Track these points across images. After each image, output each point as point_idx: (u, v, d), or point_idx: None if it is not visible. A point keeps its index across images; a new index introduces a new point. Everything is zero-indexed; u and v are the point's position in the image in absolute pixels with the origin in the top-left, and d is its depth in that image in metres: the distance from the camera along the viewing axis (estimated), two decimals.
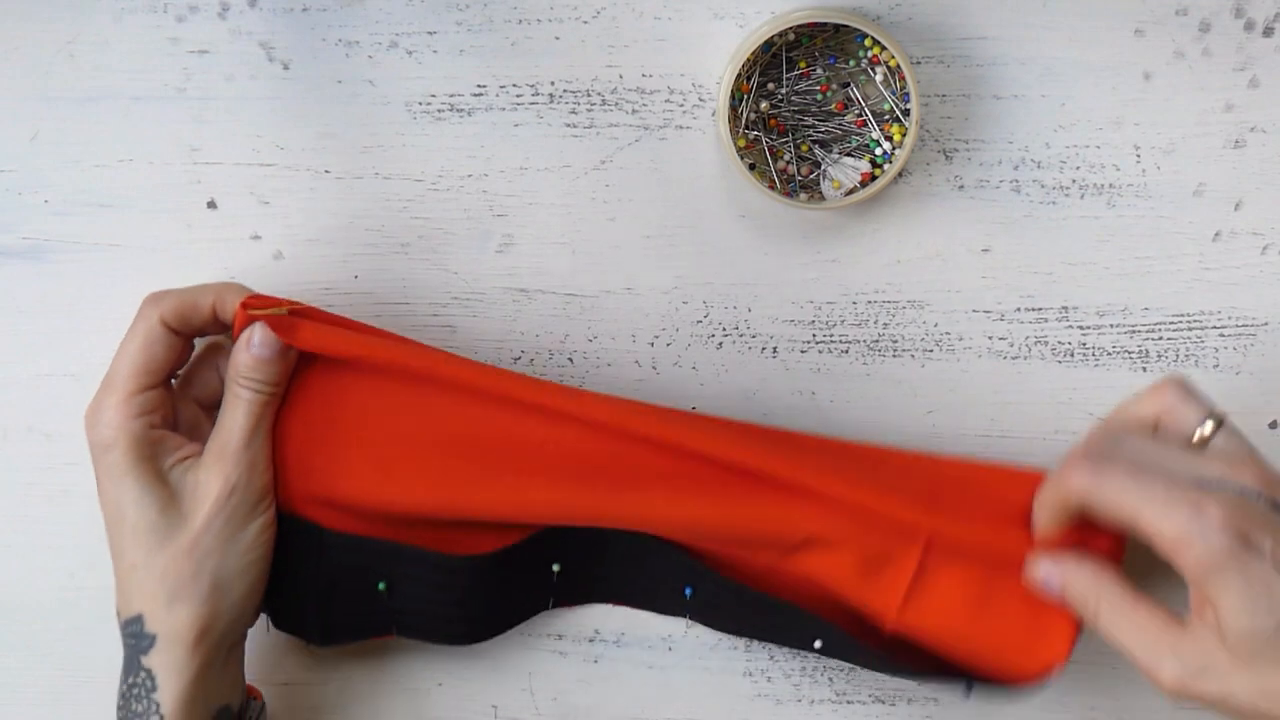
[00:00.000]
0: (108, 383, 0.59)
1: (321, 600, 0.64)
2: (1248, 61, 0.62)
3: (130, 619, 0.59)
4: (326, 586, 0.63)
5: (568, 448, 0.62)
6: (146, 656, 0.59)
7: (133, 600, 0.59)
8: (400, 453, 0.62)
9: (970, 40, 0.63)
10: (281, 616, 0.65)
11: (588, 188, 0.65)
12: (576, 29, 0.63)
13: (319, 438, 0.62)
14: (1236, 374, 0.66)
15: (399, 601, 0.64)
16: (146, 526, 0.59)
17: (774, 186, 0.62)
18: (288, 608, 0.64)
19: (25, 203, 0.65)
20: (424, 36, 0.63)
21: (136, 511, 0.59)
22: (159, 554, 0.59)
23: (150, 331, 0.59)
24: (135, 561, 0.59)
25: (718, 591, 0.65)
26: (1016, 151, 0.64)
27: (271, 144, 0.64)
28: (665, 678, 0.69)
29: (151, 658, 0.59)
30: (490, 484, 0.62)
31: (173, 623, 0.59)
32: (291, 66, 0.64)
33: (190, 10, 0.63)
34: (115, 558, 0.60)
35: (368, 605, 0.64)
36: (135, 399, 0.59)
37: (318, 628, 0.64)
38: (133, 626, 0.59)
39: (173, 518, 0.59)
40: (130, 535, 0.59)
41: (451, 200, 0.65)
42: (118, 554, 0.60)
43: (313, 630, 0.64)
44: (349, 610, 0.64)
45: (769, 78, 0.62)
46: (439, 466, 0.62)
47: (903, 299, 0.65)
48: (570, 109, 0.64)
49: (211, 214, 0.65)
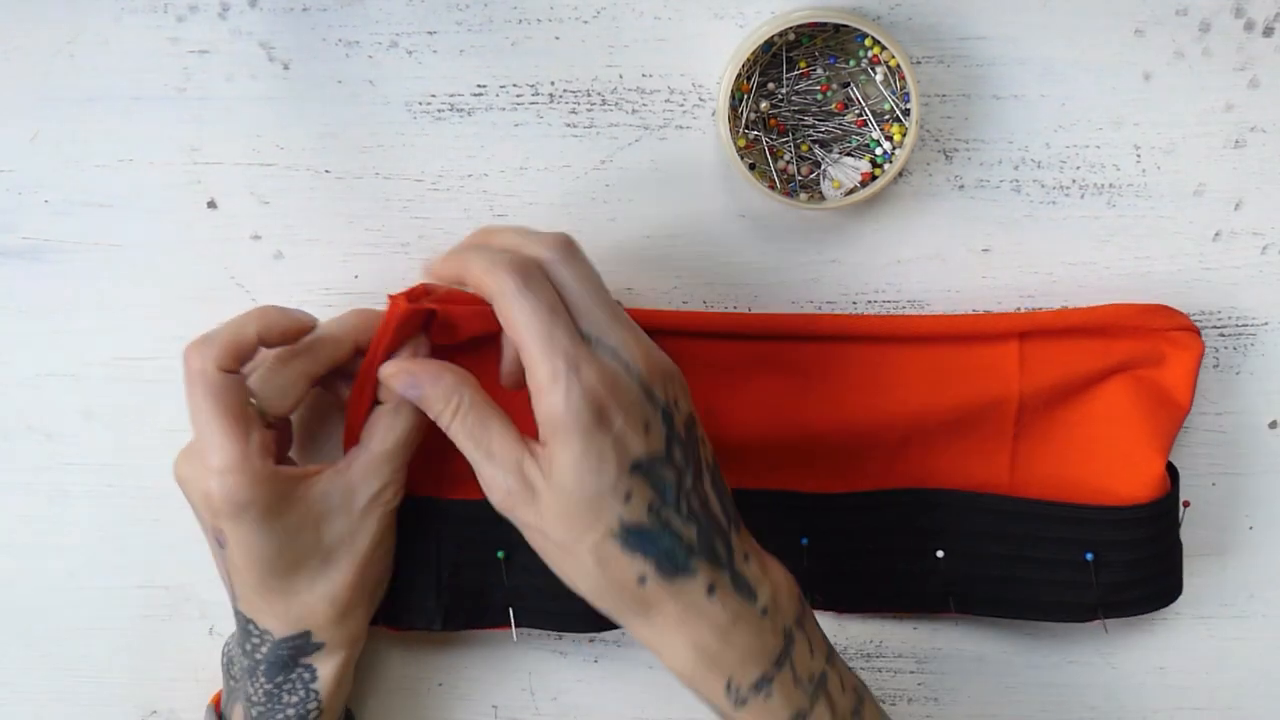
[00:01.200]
0: (202, 450, 0.57)
1: (441, 578, 0.64)
2: (1248, 61, 0.62)
3: (293, 636, 0.61)
4: (447, 562, 0.64)
5: None
6: (310, 657, 0.61)
7: (296, 621, 0.60)
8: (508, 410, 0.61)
9: (970, 40, 0.63)
10: (398, 612, 0.65)
11: (588, 188, 0.65)
12: (576, 29, 0.63)
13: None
14: (1236, 374, 0.66)
15: (518, 575, 0.64)
16: (305, 564, 0.59)
17: (774, 186, 0.62)
18: (405, 599, 0.64)
19: (25, 203, 0.65)
20: (424, 36, 0.63)
21: (288, 554, 0.59)
22: (322, 582, 0.60)
23: (213, 384, 0.57)
24: (293, 590, 0.60)
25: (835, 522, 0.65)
26: (1016, 151, 0.64)
27: (271, 144, 0.64)
28: (665, 678, 0.69)
29: (317, 658, 0.61)
30: None
31: (344, 633, 0.61)
32: (291, 66, 0.64)
33: (190, 10, 0.63)
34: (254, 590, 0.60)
35: (487, 579, 0.64)
36: (243, 450, 0.57)
37: (439, 610, 0.65)
38: (296, 641, 0.61)
39: (329, 545, 0.60)
40: (283, 571, 0.59)
41: (451, 200, 0.65)
42: (261, 588, 0.59)
43: (434, 614, 0.65)
44: (469, 586, 0.64)
45: (769, 78, 0.62)
46: None
47: (903, 299, 0.65)
48: (570, 109, 0.64)
49: (211, 214, 0.65)
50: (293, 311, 0.60)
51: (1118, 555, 0.63)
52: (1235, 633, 0.69)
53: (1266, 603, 0.68)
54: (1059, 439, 0.64)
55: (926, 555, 0.65)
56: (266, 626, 0.60)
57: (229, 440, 0.57)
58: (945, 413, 0.64)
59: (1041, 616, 0.65)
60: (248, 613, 0.61)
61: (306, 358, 0.60)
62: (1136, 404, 0.63)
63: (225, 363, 0.57)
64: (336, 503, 0.60)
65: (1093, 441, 0.64)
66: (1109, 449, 0.64)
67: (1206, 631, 0.69)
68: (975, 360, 0.64)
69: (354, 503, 0.60)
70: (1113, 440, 0.64)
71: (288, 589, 0.59)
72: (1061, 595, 0.64)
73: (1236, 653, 0.69)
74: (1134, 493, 0.63)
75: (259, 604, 0.60)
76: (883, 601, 0.67)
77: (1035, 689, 0.69)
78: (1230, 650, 0.69)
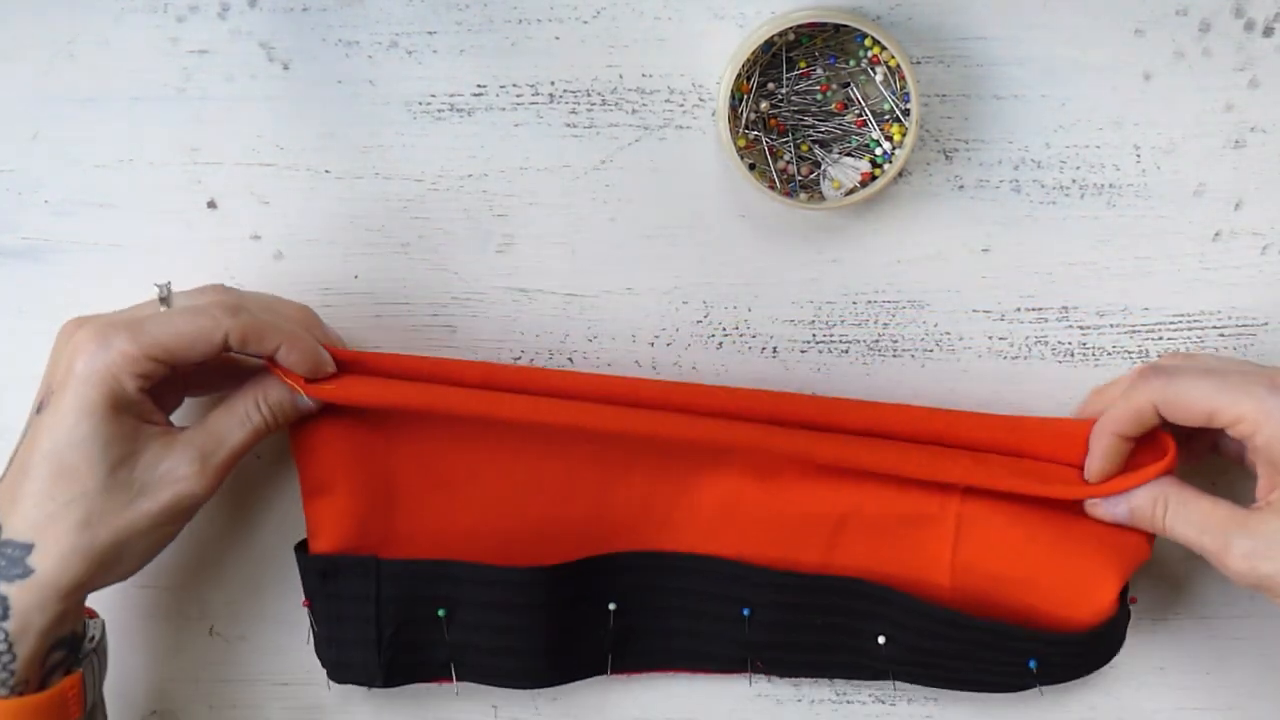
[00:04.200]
0: (134, 327, 0.57)
1: (383, 635, 0.64)
2: (1248, 61, 0.62)
3: (19, 543, 0.56)
4: (386, 621, 0.64)
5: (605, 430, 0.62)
6: (9, 584, 0.56)
7: (29, 527, 0.56)
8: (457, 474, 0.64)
9: (970, 40, 0.63)
10: (340, 667, 0.65)
11: (588, 188, 0.65)
12: (576, 29, 0.63)
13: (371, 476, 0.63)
14: None
15: (458, 632, 0.64)
16: (93, 474, 0.56)
17: (774, 186, 0.62)
18: (346, 655, 0.64)
19: (25, 203, 0.65)
20: (424, 36, 0.63)
21: (90, 456, 0.56)
22: (88, 506, 0.56)
23: (210, 334, 0.57)
24: (57, 496, 0.56)
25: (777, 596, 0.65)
26: (1016, 151, 0.64)
27: (271, 144, 0.64)
28: (665, 678, 0.69)
29: (16, 587, 0.56)
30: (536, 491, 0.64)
31: (61, 570, 0.56)
32: (291, 66, 0.64)
33: (190, 10, 0.63)
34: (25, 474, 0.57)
35: (427, 637, 0.64)
36: (148, 364, 0.56)
37: (379, 667, 0.64)
38: (14, 550, 0.56)
39: (121, 481, 0.57)
40: (66, 471, 0.56)
41: (451, 200, 0.65)
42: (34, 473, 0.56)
43: (374, 671, 0.64)
44: (409, 644, 0.64)
45: (769, 78, 0.62)
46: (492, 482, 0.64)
47: (903, 299, 0.65)
48: (570, 109, 0.64)
49: (211, 214, 0.65)
50: (323, 353, 0.60)
51: (1061, 662, 0.64)
52: (1235, 633, 0.69)
53: (1266, 603, 0.68)
54: (1004, 545, 0.63)
55: (868, 637, 0.65)
56: (2, 521, 0.57)
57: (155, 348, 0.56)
58: (883, 502, 0.63)
59: (983, 690, 0.66)
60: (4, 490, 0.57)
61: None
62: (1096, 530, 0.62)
63: (235, 342, 0.57)
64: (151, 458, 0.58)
65: (1038, 557, 0.63)
66: (1059, 568, 0.63)
67: (1206, 631, 0.69)
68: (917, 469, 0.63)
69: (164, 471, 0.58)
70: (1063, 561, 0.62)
71: (52, 491, 0.56)
72: (1007, 680, 0.65)
73: (1236, 653, 0.69)
74: (1081, 616, 0.62)
75: (20, 483, 0.57)
76: (824, 671, 0.67)
77: (1035, 689, 0.69)
78: (1230, 650, 0.69)
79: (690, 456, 0.64)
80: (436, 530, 0.64)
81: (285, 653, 0.69)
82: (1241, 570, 0.57)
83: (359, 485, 0.63)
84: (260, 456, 0.66)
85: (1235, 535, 0.57)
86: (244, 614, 0.69)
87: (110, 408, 0.56)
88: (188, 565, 0.68)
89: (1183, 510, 0.59)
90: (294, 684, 0.69)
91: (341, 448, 0.62)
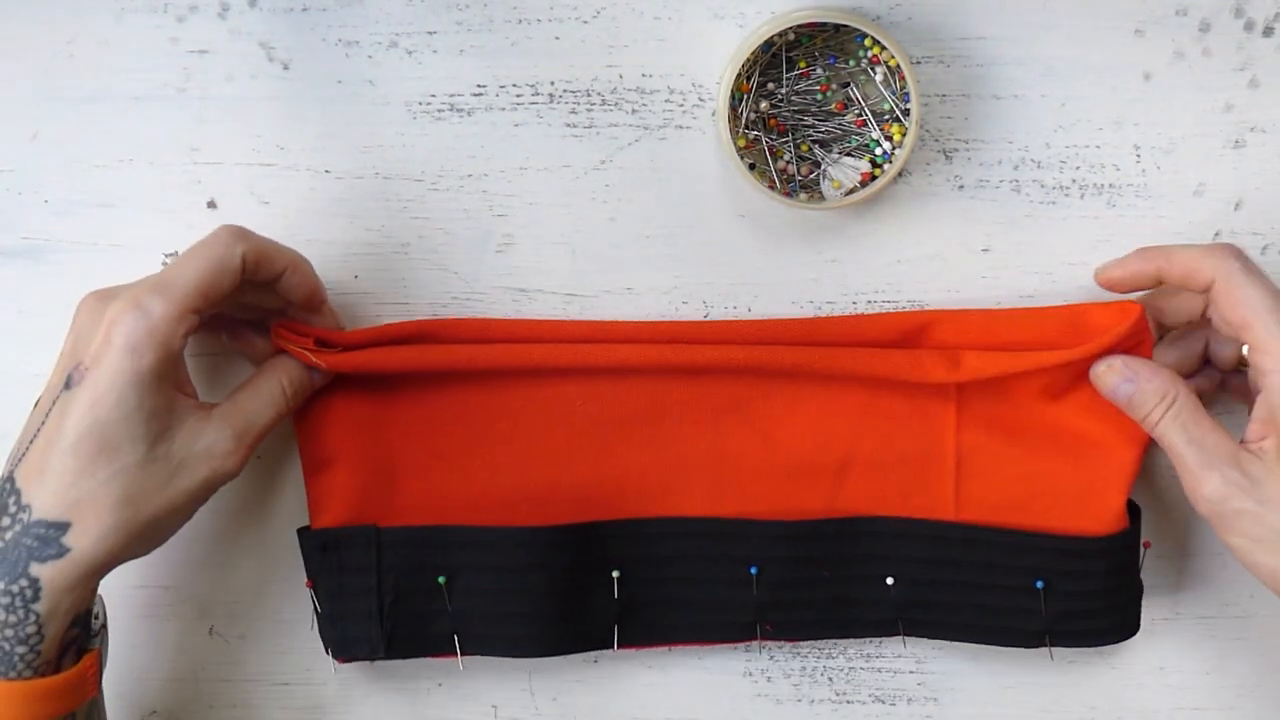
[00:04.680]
0: (164, 286, 0.56)
1: (383, 605, 0.64)
2: (1248, 61, 0.62)
3: (52, 522, 0.55)
4: (386, 590, 0.64)
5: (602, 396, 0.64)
6: (42, 566, 0.55)
7: (64, 506, 0.55)
8: (458, 444, 0.64)
9: (970, 40, 0.63)
10: (342, 643, 0.65)
11: (588, 188, 0.65)
12: (576, 29, 0.63)
13: (372, 449, 0.64)
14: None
15: (459, 599, 0.64)
16: (134, 450, 0.56)
17: (774, 186, 0.62)
18: (347, 630, 0.64)
19: (25, 203, 0.65)
20: (424, 36, 0.63)
21: (133, 429, 0.55)
22: (128, 482, 0.55)
23: (228, 260, 0.57)
24: (97, 473, 0.55)
25: (784, 551, 0.65)
26: (1016, 151, 0.64)
27: (271, 144, 0.64)
28: (665, 678, 0.69)
29: (49, 568, 0.55)
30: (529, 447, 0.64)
31: (98, 549, 0.55)
32: (291, 66, 0.64)
33: (190, 10, 0.63)
34: (54, 451, 0.55)
35: (428, 607, 0.64)
36: (189, 318, 0.56)
37: (380, 638, 0.64)
38: (48, 530, 0.55)
39: (160, 456, 0.57)
40: (107, 446, 0.55)
41: (451, 200, 0.65)
42: (67, 450, 0.55)
43: (376, 642, 0.64)
44: (410, 614, 0.64)
45: (769, 78, 0.62)
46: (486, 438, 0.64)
47: (903, 299, 0.65)
48: (570, 109, 0.64)
49: (211, 214, 0.65)
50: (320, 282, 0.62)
51: (1068, 585, 0.63)
52: (1235, 633, 0.69)
53: (1266, 603, 0.68)
54: (1005, 470, 0.64)
55: (876, 582, 0.65)
56: (30, 501, 0.55)
57: (190, 298, 0.56)
58: (880, 440, 0.64)
59: (989, 641, 0.66)
60: (20, 480, 0.56)
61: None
62: (1094, 437, 0.63)
63: (250, 259, 0.58)
64: (189, 433, 0.58)
65: (1040, 476, 0.64)
66: (1061, 482, 0.63)
67: (1206, 631, 0.69)
68: (909, 395, 0.64)
69: (203, 447, 0.58)
70: (1065, 474, 0.63)
71: (89, 469, 0.55)
72: (1010, 621, 0.64)
73: (1236, 653, 0.69)
74: (1088, 526, 0.63)
75: (45, 469, 0.55)
76: (833, 629, 0.67)
77: (1035, 689, 0.69)
78: (1230, 650, 0.69)
79: (689, 420, 0.64)
80: (438, 499, 0.64)
81: (285, 653, 0.69)
82: (1214, 495, 0.57)
83: (360, 459, 0.63)
84: (261, 456, 0.66)
85: (1224, 465, 0.57)
86: (244, 614, 0.69)
87: (156, 377, 0.56)
88: (188, 565, 0.68)
89: (1183, 415, 0.59)
90: (294, 684, 0.69)
91: (342, 423, 0.63)
